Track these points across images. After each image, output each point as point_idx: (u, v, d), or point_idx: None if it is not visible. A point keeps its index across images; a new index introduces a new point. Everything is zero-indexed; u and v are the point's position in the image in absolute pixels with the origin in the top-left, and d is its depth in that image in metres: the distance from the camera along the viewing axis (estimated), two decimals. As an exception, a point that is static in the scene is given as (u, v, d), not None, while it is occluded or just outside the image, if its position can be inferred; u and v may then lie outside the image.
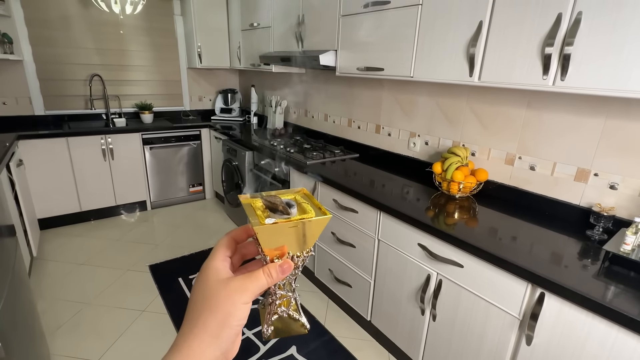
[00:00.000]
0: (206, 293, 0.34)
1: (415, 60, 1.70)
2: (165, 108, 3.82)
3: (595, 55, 1.13)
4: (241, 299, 0.34)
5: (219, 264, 0.37)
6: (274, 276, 0.36)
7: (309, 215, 0.37)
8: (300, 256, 0.39)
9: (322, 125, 2.99)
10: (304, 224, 0.36)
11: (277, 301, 0.40)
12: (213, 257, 0.37)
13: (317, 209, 0.39)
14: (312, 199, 0.41)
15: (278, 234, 0.36)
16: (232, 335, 0.34)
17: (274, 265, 0.37)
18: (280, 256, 0.38)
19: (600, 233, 1.39)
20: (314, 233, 0.38)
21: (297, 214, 0.37)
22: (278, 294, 0.40)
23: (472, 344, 1.41)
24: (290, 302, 0.41)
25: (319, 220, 0.37)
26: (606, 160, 1.42)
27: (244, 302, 0.34)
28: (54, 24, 3.08)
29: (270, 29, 2.78)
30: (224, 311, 0.33)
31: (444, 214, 1.62)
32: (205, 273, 0.36)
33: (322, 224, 0.37)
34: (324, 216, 0.37)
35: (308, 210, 0.38)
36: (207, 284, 0.35)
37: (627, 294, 1.04)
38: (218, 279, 0.35)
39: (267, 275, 0.36)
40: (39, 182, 2.87)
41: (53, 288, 2.31)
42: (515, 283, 1.21)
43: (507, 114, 1.71)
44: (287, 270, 0.37)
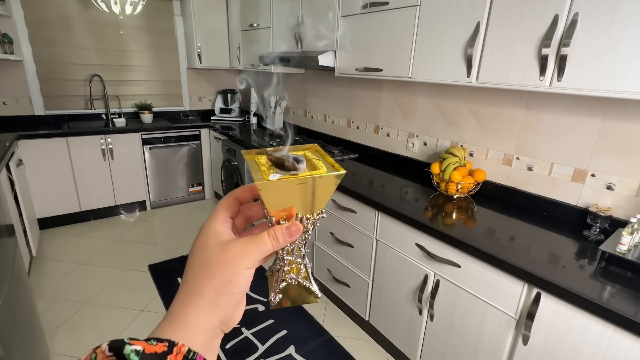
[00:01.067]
0: (204, 256, 0.31)
1: (413, 60, 1.71)
2: (165, 108, 3.83)
3: (591, 56, 1.13)
4: (242, 264, 0.31)
5: (219, 226, 0.33)
6: (280, 240, 0.33)
7: (319, 171, 0.33)
8: (310, 218, 0.35)
9: (322, 125, 3.00)
10: (313, 180, 0.32)
11: (285, 267, 0.37)
12: (212, 218, 0.34)
13: (330, 166, 0.35)
14: (324, 156, 0.37)
15: (284, 192, 0.32)
16: (232, 302, 0.31)
17: (281, 227, 0.33)
18: (287, 218, 0.34)
19: (597, 233, 1.39)
20: (326, 192, 0.34)
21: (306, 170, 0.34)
22: (286, 259, 0.37)
23: (470, 344, 1.41)
24: (299, 269, 0.38)
25: (330, 176, 0.33)
26: (603, 161, 1.42)
27: (245, 267, 0.31)
28: (54, 24, 3.08)
29: (269, 30, 2.78)
30: (222, 277, 0.30)
31: (441, 214, 1.63)
32: (204, 235, 0.33)
33: (333, 182, 0.33)
34: (335, 172, 0.33)
35: (319, 166, 0.34)
36: (205, 247, 0.32)
37: (623, 294, 1.05)
38: (217, 241, 0.32)
39: (273, 239, 0.32)
40: (38, 182, 2.88)
41: (52, 287, 2.31)
42: (512, 283, 1.22)
43: (505, 115, 1.71)
44: (295, 233, 0.33)
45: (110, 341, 0.25)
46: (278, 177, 0.31)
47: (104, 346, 0.25)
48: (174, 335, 0.28)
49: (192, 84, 3.93)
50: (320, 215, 0.36)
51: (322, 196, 0.34)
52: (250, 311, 2.11)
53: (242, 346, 1.87)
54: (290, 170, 0.33)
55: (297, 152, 0.37)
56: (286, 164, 0.33)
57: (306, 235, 0.36)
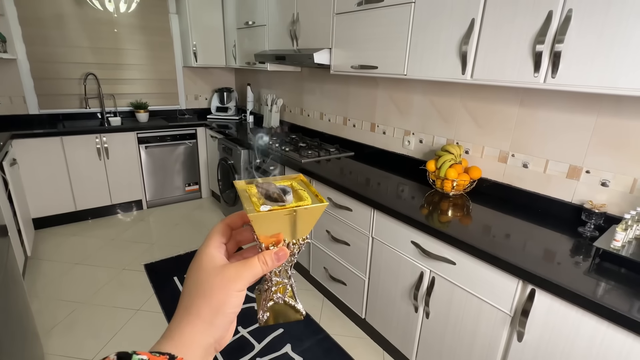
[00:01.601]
0: (200, 280, 0.34)
1: (408, 58, 1.70)
2: (161, 107, 3.81)
3: (585, 52, 1.13)
4: (235, 287, 0.34)
5: (214, 251, 0.36)
6: (269, 264, 0.36)
7: (304, 202, 0.36)
8: (296, 243, 0.39)
9: (318, 123, 2.99)
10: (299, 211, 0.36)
11: (272, 287, 0.40)
12: (207, 243, 0.37)
13: (314, 197, 0.39)
14: (308, 186, 0.41)
15: (273, 221, 0.36)
16: (226, 322, 0.34)
17: (269, 252, 0.36)
18: (275, 243, 0.37)
19: (591, 230, 1.40)
20: (310, 220, 0.37)
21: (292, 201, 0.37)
22: (274, 280, 0.40)
23: (465, 341, 1.41)
24: (286, 288, 0.41)
25: (315, 207, 0.36)
26: (598, 158, 1.43)
27: (238, 290, 0.34)
28: (48, 22, 3.06)
29: (265, 27, 2.77)
30: (217, 299, 0.33)
31: (437, 212, 1.63)
32: (199, 260, 0.36)
33: (318, 212, 0.37)
34: (320, 204, 0.37)
35: (304, 197, 0.38)
36: (200, 271, 0.35)
37: (617, 290, 1.05)
38: (212, 266, 0.35)
39: (263, 263, 0.35)
40: (33, 182, 2.86)
41: (48, 288, 2.30)
42: (507, 280, 1.22)
43: (501, 112, 1.71)
44: (283, 257, 0.37)
45: (117, 352, 0.27)
46: (268, 209, 0.35)
47: (112, 356, 0.27)
48: (172, 351, 0.31)
49: (188, 82, 3.91)
50: (305, 240, 0.39)
51: (307, 224, 0.38)
52: (247, 310, 2.09)
53: (238, 345, 1.87)
54: (278, 202, 0.36)
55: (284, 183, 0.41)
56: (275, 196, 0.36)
57: (292, 258, 0.40)
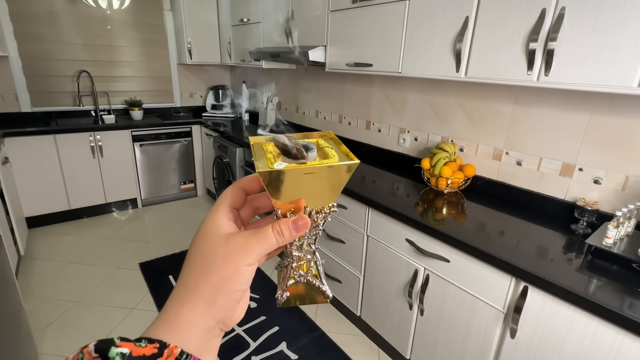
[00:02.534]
0: (202, 251, 0.29)
1: (403, 55, 1.70)
2: (156, 105, 3.78)
3: (578, 50, 1.13)
4: (243, 260, 0.28)
5: (221, 217, 0.31)
6: (286, 234, 0.30)
7: (330, 160, 0.30)
8: (320, 212, 0.33)
9: (314, 121, 2.98)
10: (323, 170, 0.29)
11: (293, 264, 0.34)
12: (215, 208, 0.31)
13: (344, 155, 0.32)
14: (338, 145, 0.34)
15: (290, 182, 0.29)
16: (231, 301, 0.29)
17: (286, 220, 0.30)
18: (295, 211, 0.31)
19: (584, 227, 1.41)
20: (337, 183, 0.31)
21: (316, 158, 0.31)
22: (294, 255, 0.34)
23: (459, 338, 1.42)
24: (309, 266, 0.35)
25: (341, 166, 0.30)
26: (590, 155, 1.43)
27: (246, 264, 0.28)
28: (40, 19, 3.02)
29: (260, 25, 2.75)
30: (220, 274, 0.28)
31: (431, 210, 1.63)
32: (204, 227, 0.30)
33: (346, 172, 0.30)
34: (348, 162, 0.30)
35: (331, 155, 0.31)
36: (204, 241, 0.30)
37: (608, 286, 1.06)
38: (217, 234, 0.29)
39: (277, 233, 0.29)
40: (26, 180, 2.83)
41: (41, 287, 2.28)
42: (500, 277, 1.22)
43: (495, 110, 1.72)
44: (303, 228, 0.30)
45: (97, 341, 0.23)
46: (283, 166, 0.29)
47: (91, 346, 0.23)
48: (166, 336, 0.26)
49: (182, 80, 3.88)
50: (332, 209, 0.33)
51: (334, 188, 0.31)
52: (242, 308, 2.10)
53: (233, 343, 1.87)
54: (299, 159, 0.30)
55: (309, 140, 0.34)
56: (294, 152, 0.30)
57: (317, 230, 0.34)
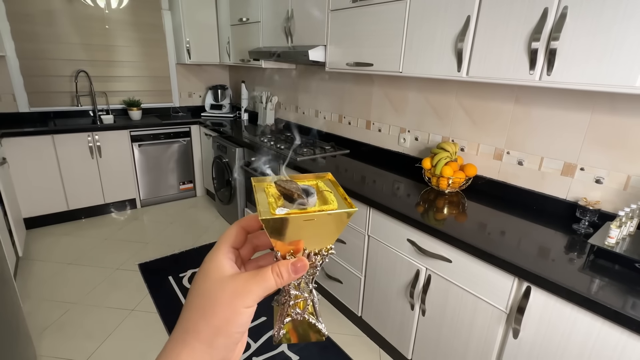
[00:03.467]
0: (203, 293, 0.30)
1: (404, 55, 1.69)
2: (154, 105, 3.76)
3: (580, 50, 1.13)
4: (243, 303, 0.29)
5: (222, 258, 0.32)
6: (285, 276, 0.31)
7: (329, 206, 0.31)
8: (318, 254, 0.34)
9: (313, 121, 2.97)
10: (322, 217, 0.30)
11: (290, 302, 0.35)
12: (217, 248, 0.33)
13: (342, 200, 0.33)
14: (337, 187, 0.35)
15: (290, 226, 0.30)
16: (230, 343, 0.29)
17: (286, 263, 0.31)
18: (294, 252, 0.32)
19: (586, 227, 1.40)
20: (336, 228, 0.32)
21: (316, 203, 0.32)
22: (292, 294, 0.35)
23: (461, 338, 1.42)
24: (306, 303, 0.36)
25: (340, 214, 0.31)
26: (592, 155, 1.43)
27: (246, 306, 0.29)
28: (38, 18, 3.00)
29: (259, 24, 2.74)
30: (221, 316, 0.29)
31: (433, 210, 1.63)
32: (206, 267, 0.31)
33: (344, 218, 0.31)
34: (347, 209, 0.31)
35: (330, 200, 0.32)
36: (205, 281, 0.30)
37: (611, 286, 1.05)
38: (218, 276, 0.30)
39: (277, 275, 0.30)
40: (24, 181, 2.81)
41: (40, 288, 2.27)
42: (502, 277, 1.22)
43: (496, 109, 1.71)
44: (302, 270, 0.31)
45: None
46: (285, 212, 0.30)
47: None
48: None
49: (181, 79, 3.87)
50: (330, 251, 0.34)
51: (332, 231, 0.32)
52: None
53: (234, 344, 1.85)
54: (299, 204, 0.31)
55: (308, 182, 0.35)
56: (295, 197, 0.31)
57: (314, 270, 0.35)
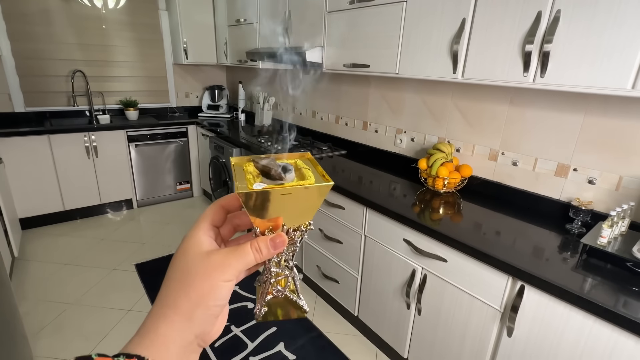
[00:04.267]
0: (182, 268, 0.30)
1: (400, 56, 1.71)
2: (151, 105, 3.76)
3: (573, 52, 1.15)
4: (222, 276, 0.29)
5: (201, 235, 0.32)
6: (264, 252, 0.31)
7: (306, 181, 0.32)
8: (297, 229, 0.34)
9: (310, 122, 2.98)
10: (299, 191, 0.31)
11: (271, 280, 0.36)
12: (196, 226, 0.33)
13: (320, 176, 0.34)
14: (315, 165, 0.36)
15: (268, 202, 0.31)
16: (209, 316, 0.30)
17: (265, 238, 0.31)
18: (273, 229, 0.33)
19: (579, 227, 1.43)
20: (313, 203, 0.33)
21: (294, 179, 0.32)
22: (273, 271, 0.35)
23: (456, 337, 1.43)
24: (287, 281, 0.36)
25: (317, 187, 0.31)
26: (585, 156, 1.45)
27: (224, 280, 0.29)
28: (34, 18, 2.99)
29: (256, 25, 2.75)
30: (199, 290, 0.29)
31: (429, 210, 1.64)
32: (185, 244, 0.31)
33: (321, 193, 0.32)
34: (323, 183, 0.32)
35: (307, 176, 0.33)
36: (184, 257, 0.30)
37: (603, 285, 1.07)
38: (197, 251, 0.30)
39: (256, 250, 0.31)
40: (20, 181, 2.80)
41: (36, 289, 2.26)
42: (497, 276, 1.24)
43: (491, 111, 1.73)
44: (280, 245, 0.32)
45: (75, 358, 0.24)
46: (262, 187, 0.30)
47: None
48: (144, 351, 0.27)
49: (178, 80, 3.86)
50: (308, 227, 0.34)
51: (309, 207, 0.33)
52: (239, 309, 2.10)
53: (231, 344, 1.86)
54: (277, 180, 0.31)
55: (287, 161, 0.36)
56: (272, 173, 0.31)
57: (294, 247, 0.35)
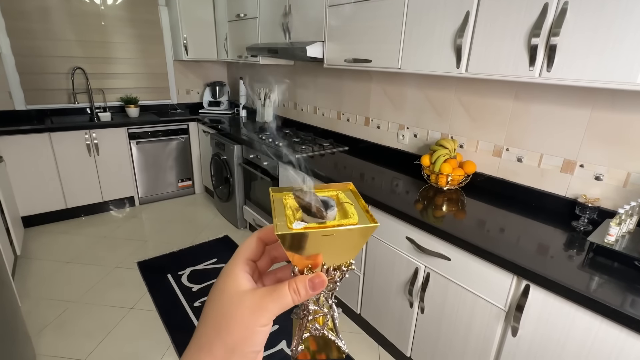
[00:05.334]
0: (218, 309, 0.29)
1: (402, 51, 1.68)
2: (152, 102, 3.74)
3: (580, 45, 1.12)
4: (259, 322, 0.28)
5: (238, 271, 0.31)
6: (302, 293, 0.30)
7: (349, 221, 0.29)
8: (338, 269, 0.32)
9: (312, 118, 2.96)
10: (341, 233, 0.29)
11: (309, 317, 0.34)
12: (234, 261, 0.32)
13: (363, 212, 0.31)
14: (358, 199, 0.34)
15: (308, 242, 0.29)
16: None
17: (303, 279, 0.30)
18: (312, 267, 0.31)
19: (585, 224, 1.40)
20: (356, 243, 0.31)
21: (335, 217, 0.30)
22: (311, 309, 0.34)
23: (460, 336, 1.42)
24: (325, 319, 0.35)
25: (360, 229, 0.29)
26: (592, 152, 1.42)
27: (261, 325, 0.28)
28: (33, 15, 2.96)
29: (256, 20, 2.72)
30: (235, 336, 0.28)
31: (432, 207, 1.62)
32: (222, 282, 0.31)
33: (365, 234, 0.30)
34: (368, 225, 0.29)
35: (350, 214, 0.30)
36: (221, 296, 0.30)
37: (611, 284, 1.05)
38: (235, 291, 0.30)
39: (294, 292, 0.29)
40: (21, 179, 2.80)
41: (38, 287, 2.26)
42: (501, 275, 1.22)
43: (495, 106, 1.70)
44: (319, 286, 0.30)
45: None
46: (302, 227, 0.28)
47: None
48: None
49: (179, 76, 3.84)
50: (350, 266, 0.32)
51: (353, 247, 0.31)
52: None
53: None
54: (317, 218, 0.29)
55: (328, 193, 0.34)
56: (314, 210, 0.29)
57: (334, 285, 0.33)
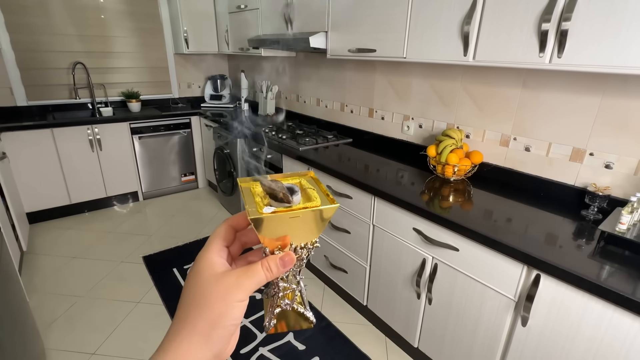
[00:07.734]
0: (197, 289, 0.32)
1: (407, 40, 1.65)
2: (153, 96, 3.72)
3: (593, 30, 1.09)
4: (235, 297, 0.31)
5: (214, 256, 0.34)
6: (274, 270, 0.33)
7: (313, 203, 0.33)
8: (304, 247, 0.36)
9: (315, 110, 2.93)
10: (307, 214, 0.33)
11: (280, 293, 0.38)
12: (208, 247, 0.35)
13: (324, 196, 0.35)
14: (319, 184, 0.38)
15: (277, 224, 0.33)
16: (225, 335, 0.31)
17: (274, 258, 0.33)
18: (282, 247, 0.35)
19: (595, 213, 1.38)
20: (320, 223, 0.34)
21: (300, 201, 0.34)
22: (281, 286, 0.37)
23: (468, 326, 1.41)
24: (294, 294, 0.39)
25: (324, 210, 0.33)
26: (602, 140, 1.40)
27: (238, 300, 0.31)
28: (32, 9, 2.94)
29: (258, 11, 2.68)
30: (215, 310, 0.31)
31: (438, 198, 1.61)
32: (198, 266, 0.33)
33: (327, 214, 0.34)
34: (329, 205, 0.33)
35: (313, 197, 0.35)
36: (199, 279, 0.32)
37: (622, 273, 1.04)
38: (211, 273, 0.32)
39: (267, 270, 0.33)
40: (25, 175, 2.80)
41: (45, 282, 2.27)
42: (511, 265, 1.20)
43: (502, 95, 1.67)
44: (289, 263, 0.34)
45: None
46: (271, 211, 0.31)
47: None
48: None
49: (180, 70, 3.81)
50: (315, 244, 0.36)
51: (317, 227, 0.35)
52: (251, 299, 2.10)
53: (240, 335, 1.85)
54: (284, 202, 0.33)
55: (292, 181, 0.38)
56: (280, 196, 0.33)
57: (301, 262, 0.37)
